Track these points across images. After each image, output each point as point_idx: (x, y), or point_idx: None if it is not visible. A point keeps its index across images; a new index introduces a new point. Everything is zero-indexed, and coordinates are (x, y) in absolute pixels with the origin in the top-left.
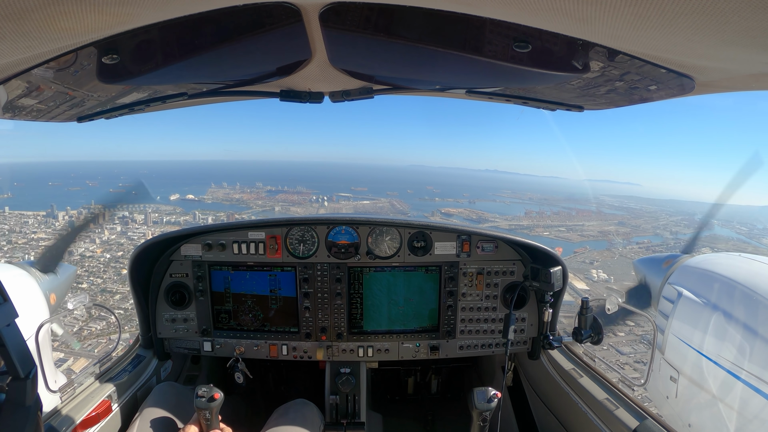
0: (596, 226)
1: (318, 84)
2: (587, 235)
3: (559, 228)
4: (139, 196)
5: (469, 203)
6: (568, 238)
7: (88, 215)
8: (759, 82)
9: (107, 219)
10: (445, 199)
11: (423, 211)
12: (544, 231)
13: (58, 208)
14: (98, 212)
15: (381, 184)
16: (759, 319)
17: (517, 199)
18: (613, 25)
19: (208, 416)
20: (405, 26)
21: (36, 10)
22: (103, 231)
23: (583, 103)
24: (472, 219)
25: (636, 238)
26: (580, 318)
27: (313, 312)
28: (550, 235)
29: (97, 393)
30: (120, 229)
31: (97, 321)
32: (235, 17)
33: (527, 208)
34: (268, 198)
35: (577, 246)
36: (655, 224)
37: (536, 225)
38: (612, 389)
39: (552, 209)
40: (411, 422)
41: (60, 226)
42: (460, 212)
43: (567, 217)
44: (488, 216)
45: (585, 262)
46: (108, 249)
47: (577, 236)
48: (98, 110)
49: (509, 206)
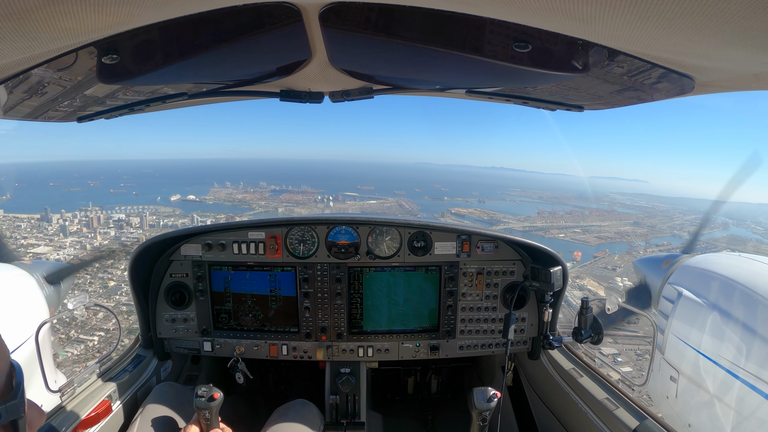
0: (612, 226)
1: (318, 84)
2: (604, 236)
3: (574, 229)
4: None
5: (479, 202)
6: (585, 241)
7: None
8: (759, 82)
9: (102, 222)
10: (454, 198)
11: (433, 211)
12: (559, 233)
13: (53, 211)
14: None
15: (388, 183)
16: (759, 318)
17: (527, 198)
18: (613, 25)
19: (208, 416)
20: (405, 26)
21: (36, 10)
22: (95, 236)
23: (583, 103)
24: (484, 220)
25: (655, 240)
26: (580, 318)
27: (313, 312)
28: (566, 237)
29: (97, 393)
30: (114, 233)
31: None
32: (235, 17)
33: (539, 207)
34: (272, 198)
35: (596, 249)
36: (670, 224)
37: (551, 226)
38: (612, 389)
39: (564, 208)
40: (411, 422)
41: (52, 230)
42: (471, 213)
43: (581, 217)
44: (500, 216)
45: (607, 269)
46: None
47: (594, 238)
48: (98, 110)
49: (520, 206)
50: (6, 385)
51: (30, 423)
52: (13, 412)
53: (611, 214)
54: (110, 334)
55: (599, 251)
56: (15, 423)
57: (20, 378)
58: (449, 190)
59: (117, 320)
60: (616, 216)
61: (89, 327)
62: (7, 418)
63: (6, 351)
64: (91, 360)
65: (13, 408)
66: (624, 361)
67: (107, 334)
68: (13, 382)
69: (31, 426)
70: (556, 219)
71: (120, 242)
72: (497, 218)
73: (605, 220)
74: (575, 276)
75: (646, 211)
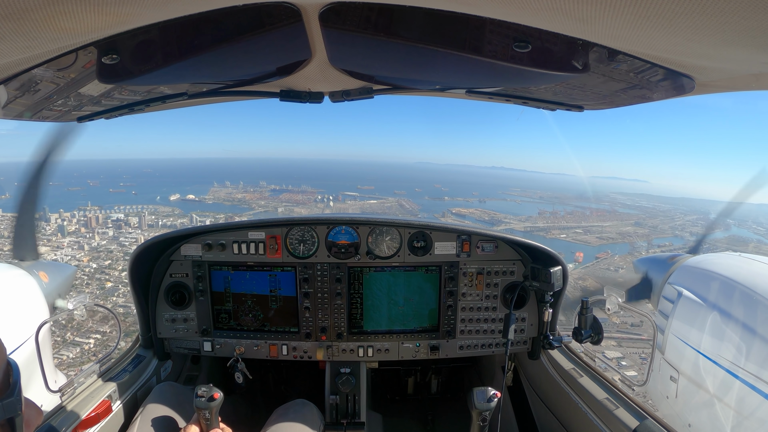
0: (613, 226)
1: (318, 84)
2: (606, 237)
3: (575, 230)
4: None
5: (480, 202)
6: (587, 241)
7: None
8: (759, 82)
9: (100, 222)
10: (455, 198)
11: (433, 211)
12: (560, 233)
13: (52, 210)
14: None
15: (388, 182)
16: (759, 318)
17: (527, 198)
18: (613, 25)
19: (208, 416)
20: (405, 26)
21: (36, 10)
22: (93, 236)
23: (583, 103)
24: (485, 220)
25: (657, 240)
26: (580, 318)
27: (313, 312)
28: (567, 237)
29: (97, 393)
30: (112, 233)
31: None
32: (235, 17)
33: (539, 207)
34: (272, 198)
35: (598, 250)
36: (672, 224)
37: (552, 227)
38: (612, 389)
39: (565, 208)
40: (411, 422)
41: (50, 230)
42: (472, 213)
43: (582, 217)
44: (501, 216)
45: (610, 270)
46: (96, 257)
47: (596, 239)
48: (98, 110)
49: (521, 206)
50: (3, 383)
51: (27, 421)
52: (10, 410)
53: (612, 215)
54: (107, 336)
55: (601, 252)
56: (12, 421)
57: (17, 376)
58: (450, 189)
59: (117, 321)
60: (618, 216)
61: (85, 330)
62: (3, 416)
63: (3, 349)
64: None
65: (9, 405)
66: (629, 365)
67: (104, 337)
68: (10, 380)
69: (29, 424)
70: (557, 219)
71: (118, 242)
72: (498, 218)
73: (606, 221)
74: (577, 277)
75: (648, 212)
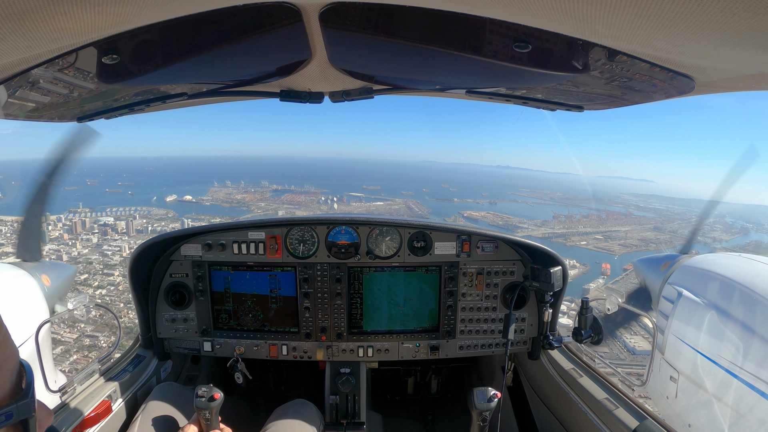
0: (633, 231)
1: (318, 84)
2: (629, 244)
3: (595, 235)
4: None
5: (491, 204)
6: (610, 249)
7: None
8: (759, 82)
9: (87, 227)
10: (464, 199)
11: (444, 214)
12: (580, 240)
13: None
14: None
15: (394, 182)
16: (758, 318)
17: (538, 200)
18: (613, 25)
19: (208, 416)
20: (405, 26)
21: (36, 10)
22: (76, 243)
23: (583, 103)
24: (499, 225)
25: (681, 247)
26: (580, 318)
27: (313, 312)
28: (588, 245)
29: (97, 393)
30: (96, 240)
31: None
32: (235, 17)
33: (553, 210)
34: (273, 199)
35: (623, 260)
36: (692, 228)
37: (570, 232)
38: (612, 389)
39: (580, 211)
40: (411, 422)
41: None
42: (485, 216)
43: (598, 221)
44: (516, 221)
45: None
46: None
47: (619, 246)
48: (98, 110)
49: (533, 207)
50: (17, 385)
51: (39, 423)
52: (25, 412)
53: (629, 218)
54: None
55: (627, 263)
56: (26, 422)
57: (30, 377)
58: (458, 190)
59: (117, 321)
60: (635, 220)
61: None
62: (18, 418)
63: (16, 351)
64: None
65: (24, 407)
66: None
67: (96, 341)
68: (23, 382)
69: (41, 425)
70: (573, 223)
71: (100, 251)
72: (513, 223)
73: (624, 225)
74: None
75: (663, 214)
